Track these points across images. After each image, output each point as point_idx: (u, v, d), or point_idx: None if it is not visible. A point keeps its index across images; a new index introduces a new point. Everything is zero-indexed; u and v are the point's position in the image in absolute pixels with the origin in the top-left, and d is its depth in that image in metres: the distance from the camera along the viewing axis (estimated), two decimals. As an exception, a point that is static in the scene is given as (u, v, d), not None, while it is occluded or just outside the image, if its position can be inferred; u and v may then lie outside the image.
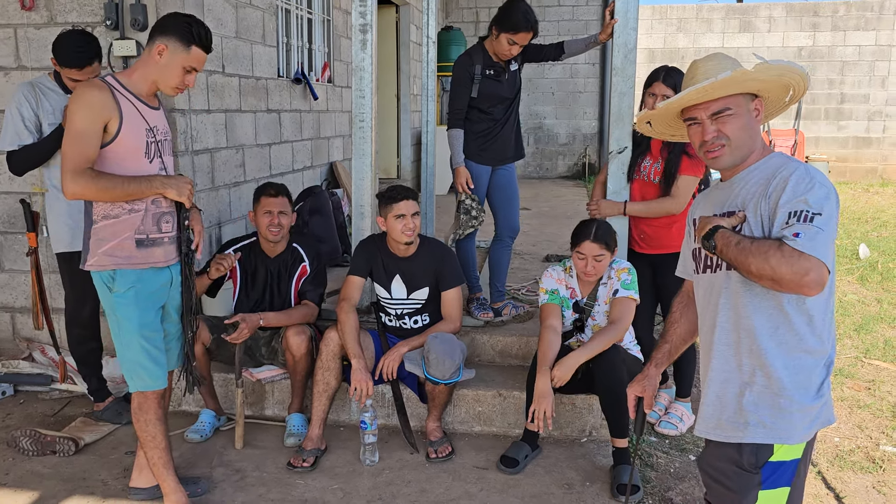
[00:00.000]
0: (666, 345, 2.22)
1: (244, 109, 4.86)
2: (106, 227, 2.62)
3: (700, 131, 1.90)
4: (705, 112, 1.88)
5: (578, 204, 9.25)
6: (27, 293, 4.26)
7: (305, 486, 3.11)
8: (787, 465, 1.83)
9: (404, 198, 3.34)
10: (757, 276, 1.71)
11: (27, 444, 3.34)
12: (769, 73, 1.81)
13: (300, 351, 3.44)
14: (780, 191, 1.76)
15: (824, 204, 1.70)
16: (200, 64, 2.63)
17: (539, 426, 3.08)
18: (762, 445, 1.82)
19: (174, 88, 2.64)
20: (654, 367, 2.25)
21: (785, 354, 1.81)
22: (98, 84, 2.56)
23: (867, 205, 10.49)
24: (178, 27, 2.57)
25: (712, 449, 1.96)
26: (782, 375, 1.81)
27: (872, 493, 3.16)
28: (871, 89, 12.58)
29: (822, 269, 1.64)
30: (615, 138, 3.62)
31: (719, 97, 1.86)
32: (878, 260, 7.14)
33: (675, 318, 2.22)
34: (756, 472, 1.83)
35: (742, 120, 1.87)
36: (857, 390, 4.22)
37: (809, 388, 1.82)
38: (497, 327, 4.01)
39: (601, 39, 3.74)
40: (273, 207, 3.54)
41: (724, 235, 1.79)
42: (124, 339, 2.69)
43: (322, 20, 6.55)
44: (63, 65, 3.28)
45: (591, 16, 11.88)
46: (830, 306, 1.85)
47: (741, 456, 1.85)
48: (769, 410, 1.82)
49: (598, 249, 3.17)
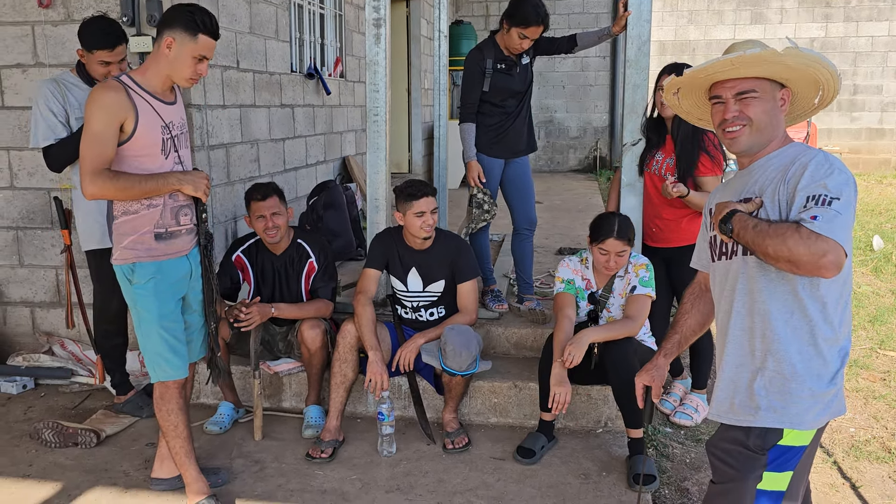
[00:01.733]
0: (676, 335, 2.24)
1: (258, 104, 4.89)
2: (126, 222, 2.66)
3: (722, 110, 1.90)
4: (731, 91, 1.88)
5: (590, 197, 9.25)
6: (46, 288, 4.31)
7: (324, 476, 3.14)
8: (794, 451, 1.84)
9: (424, 195, 3.36)
10: (774, 259, 1.72)
11: (49, 435, 3.39)
12: (798, 60, 1.80)
13: (315, 344, 3.47)
14: (799, 176, 1.77)
15: (843, 189, 1.71)
16: (210, 51, 2.64)
17: (556, 410, 3.10)
18: (771, 429, 1.84)
19: (188, 80, 2.66)
20: (664, 357, 2.27)
21: (798, 340, 1.82)
22: (113, 85, 2.59)
23: (881, 196, 10.42)
24: (183, 18, 2.59)
25: (721, 431, 1.98)
26: (795, 361, 1.82)
27: (889, 483, 3.17)
28: (884, 80, 12.48)
29: (840, 250, 1.65)
30: (629, 130, 3.63)
31: (747, 77, 1.86)
32: (893, 251, 7.10)
33: (685, 308, 2.23)
34: (762, 454, 1.85)
35: (766, 105, 1.87)
36: (872, 381, 4.21)
37: (822, 376, 1.83)
38: (512, 319, 4.03)
39: (614, 32, 3.75)
40: (265, 211, 3.51)
41: (741, 219, 1.80)
42: (145, 330, 2.73)
43: (334, 15, 6.57)
44: (93, 48, 3.29)
45: (601, 8, 11.84)
46: (846, 295, 1.86)
47: (748, 438, 1.87)
48: (780, 395, 1.83)
49: (621, 246, 3.19)
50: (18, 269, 4.32)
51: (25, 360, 4.17)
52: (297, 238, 3.69)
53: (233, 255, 3.69)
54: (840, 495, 3.08)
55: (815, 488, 3.10)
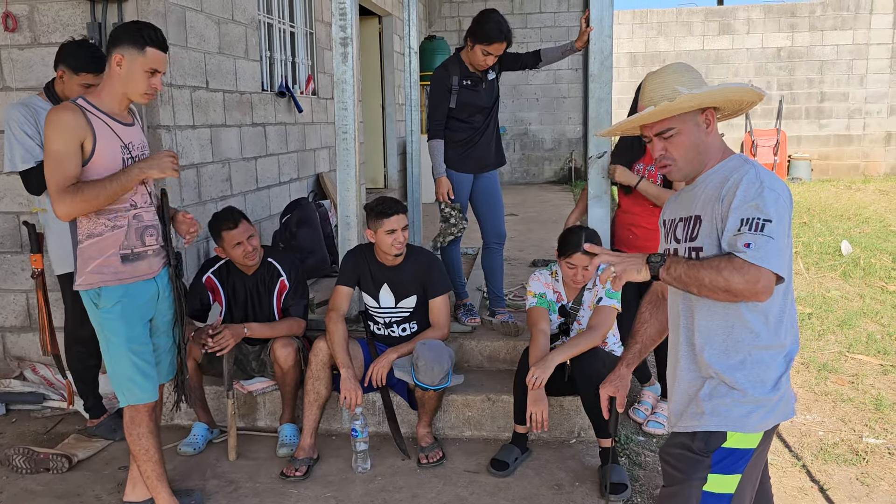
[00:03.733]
0: (636, 345, 2.29)
1: (229, 124, 4.90)
2: (90, 245, 2.66)
3: (652, 148, 2.00)
4: (651, 132, 1.97)
5: (565, 209, 9.32)
6: (17, 312, 4.28)
7: (298, 494, 3.14)
8: (739, 453, 1.89)
9: (395, 213, 3.38)
10: (710, 289, 1.78)
11: (20, 461, 3.36)
12: (693, 102, 1.88)
13: (287, 363, 3.48)
14: (732, 195, 1.83)
15: (774, 208, 1.77)
16: (161, 64, 2.66)
17: (536, 428, 3.13)
18: (714, 433, 1.89)
19: (143, 94, 2.67)
20: (626, 367, 2.35)
21: (740, 352, 1.89)
22: (69, 106, 2.60)
23: (849, 202, 10.61)
24: (129, 34, 2.62)
25: (671, 438, 2.05)
26: (736, 371, 1.88)
27: (856, 485, 3.23)
28: (850, 88, 12.75)
29: (772, 277, 1.73)
30: (594, 144, 3.69)
31: (659, 121, 1.94)
32: (861, 256, 7.23)
33: (644, 318, 2.29)
34: (706, 457, 1.90)
35: (687, 137, 1.94)
36: (840, 384, 4.29)
37: (766, 382, 1.89)
38: (485, 333, 4.06)
39: (577, 47, 3.82)
40: (240, 237, 3.51)
41: (672, 260, 1.87)
42: (113, 354, 2.73)
43: (305, 33, 6.60)
44: (80, 70, 3.30)
45: (572, 22, 12.00)
46: (789, 302, 1.92)
47: (693, 442, 1.92)
48: (723, 401, 1.89)
49: (587, 260, 3.23)
50: (-12, 293, 4.28)
51: (-4, 385, 4.12)
52: (268, 257, 3.69)
53: (203, 277, 3.68)
54: (809, 498, 3.13)
55: (784, 492, 3.15)
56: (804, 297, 6.00)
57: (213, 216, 3.62)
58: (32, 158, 3.35)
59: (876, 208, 10.00)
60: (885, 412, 3.90)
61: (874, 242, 7.81)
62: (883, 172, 13.01)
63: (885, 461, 3.41)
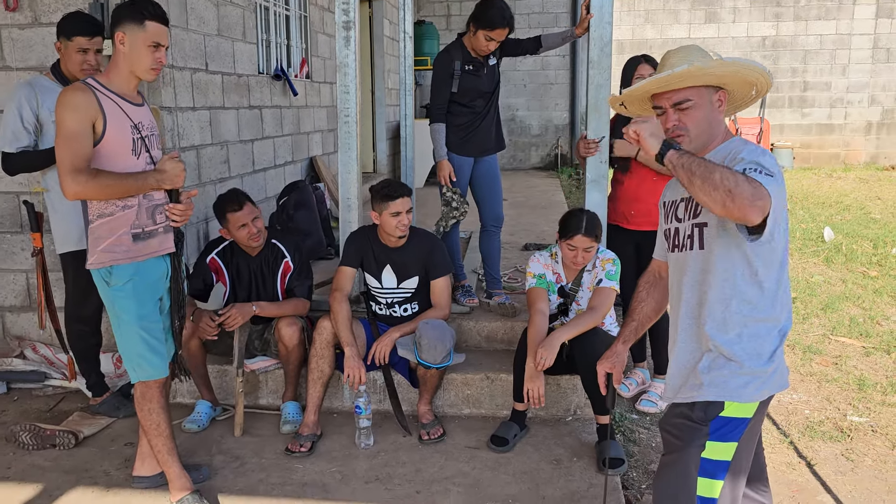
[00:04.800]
0: (633, 322, 2.38)
1: (227, 106, 4.93)
2: (102, 224, 2.69)
3: (664, 119, 2.06)
4: (668, 102, 2.03)
5: (553, 194, 9.43)
6: (17, 292, 4.30)
7: (304, 469, 3.22)
8: (736, 422, 1.99)
9: (401, 195, 3.45)
10: (713, 186, 1.80)
11: (27, 438, 3.40)
12: (724, 69, 1.96)
13: (292, 341, 3.54)
14: (734, 158, 1.93)
15: (775, 170, 1.87)
16: (162, 37, 2.70)
17: (534, 404, 3.23)
18: (712, 402, 2.00)
19: (149, 70, 2.70)
20: (622, 344, 2.43)
21: (738, 325, 1.98)
22: (80, 87, 2.64)
23: (831, 189, 10.80)
24: (128, 11, 2.66)
25: (670, 409, 2.15)
26: (733, 344, 1.98)
27: (841, 460, 3.36)
28: (832, 77, 12.92)
29: (767, 207, 1.80)
30: (592, 129, 3.77)
31: (680, 88, 2.00)
32: (843, 242, 7.40)
33: (641, 296, 2.38)
34: (704, 425, 2.00)
35: (702, 111, 2.02)
36: (824, 366, 4.43)
37: (762, 355, 1.99)
38: (483, 314, 4.15)
39: (577, 34, 3.89)
40: (245, 219, 3.55)
41: (686, 150, 1.93)
42: (124, 331, 2.77)
43: (299, 17, 6.61)
44: (72, 34, 3.34)
45: (560, 8, 12.05)
46: (784, 278, 2.02)
47: (692, 411, 2.03)
48: (721, 372, 1.99)
49: (588, 242, 3.32)
50: (-13, 273, 4.30)
51: (-3, 364, 4.15)
52: (272, 238, 3.74)
53: (207, 258, 3.73)
54: (797, 473, 3.26)
55: (773, 467, 3.28)
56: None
57: (218, 198, 3.66)
58: (16, 143, 3.40)
59: (857, 196, 10.19)
60: (867, 392, 4.04)
61: (855, 229, 7.99)
62: (863, 161, 13.23)
63: (868, 438, 3.55)
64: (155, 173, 2.72)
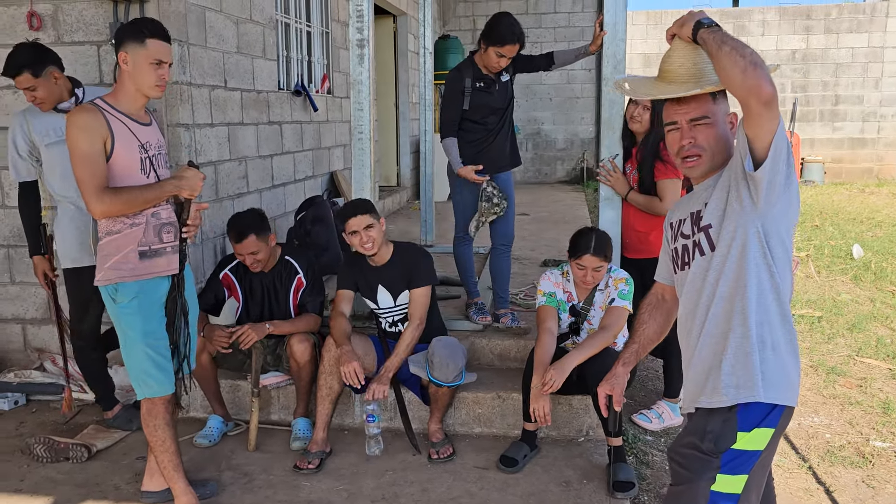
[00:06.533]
0: (634, 344, 2.33)
1: (246, 122, 4.98)
2: (109, 242, 2.73)
3: (679, 136, 1.99)
4: (685, 117, 1.97)
5: (577, 209, 9.36)
6: (38, 305, 4.37)
7: (311, 487, 3.21)
8: (747, 454, 1.92)
9: (353, 214, 3.42)
10: (742, 55, 1.75)
11: (41, 451, 3.44)
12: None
13: (304, 358, 3.54)
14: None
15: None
16: (164, 55, 2.73)
17: (541, 422, 3.19)
18: (724, 434, 1.91)
19: (154, 87, 2.74)
20: (622, 367, 2.37)
21: (766, 313, 1.91)
22: (88, 108, 2.69)
23: (862, 205, 10.59)
24: (129, 31, 2.71)
25: (680, 437, 2.08)
26: (764, 332, 1.90)
27: (862, 487, 3.26)
28: (864, 90, 12.70)
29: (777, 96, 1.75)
30: (606, 146, 3.74)
31: (701, 101, 1.95)
32: (872, 260, 7.24)
33: (643, 319, 2.32)
34: (715, 457, 1.93)
35: (718, 130, 1.97)
36: (848, 388, 4.32)
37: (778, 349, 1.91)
38: (495, 332, 4.11)
39: (591, 50, 3.87)
40: (243, 251, 3.58)
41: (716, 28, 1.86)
42: (130, 348, 2.80)
43: (321, 33, 6.67)
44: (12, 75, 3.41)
45: (586, 22, 12.01)
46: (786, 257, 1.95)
47: (702, 443, 1.95)
48: (743, 370, 1.90)
49: (597, 262, 3.28)
50: (10, 286, 4.38)
51: (17, 376, 4.22)
52: (285, 255, 3.76)
53: (220, 274, 3.75)
54: (814, 500, 3.17)
55: (790, 493, 3.19)
56: (815, 300, 6.01)
57: (230, 219, 3.69)
58: (16, 174, 3.54)
59: (889, 212, 9.98)
60: (892, 416, 3.93)
61: (886, 246, 7.81)
62: (897, 176, 12.96)
63: (891, 464, 3.44)
64: (174, 179, 2.76)
